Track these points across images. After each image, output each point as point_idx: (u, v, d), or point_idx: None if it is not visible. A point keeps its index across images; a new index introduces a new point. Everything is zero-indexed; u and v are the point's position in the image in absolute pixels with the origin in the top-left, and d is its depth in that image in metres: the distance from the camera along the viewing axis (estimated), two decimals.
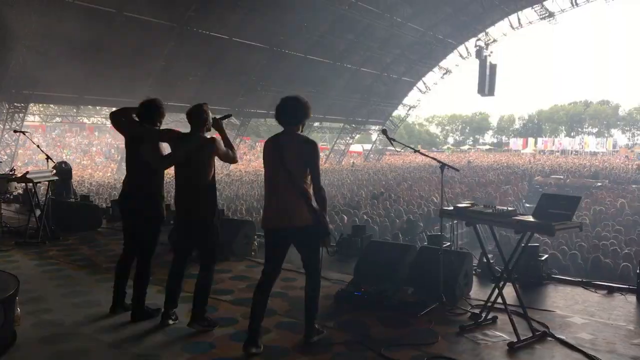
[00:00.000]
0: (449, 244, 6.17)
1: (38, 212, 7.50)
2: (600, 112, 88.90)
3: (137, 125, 4.52)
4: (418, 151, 4.98)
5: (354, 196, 19.38)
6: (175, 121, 25.66)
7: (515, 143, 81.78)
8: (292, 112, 3.83)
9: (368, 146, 66.50)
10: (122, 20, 20.62)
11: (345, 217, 13.29)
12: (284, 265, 4.24)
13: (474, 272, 5.38)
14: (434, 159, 4.80)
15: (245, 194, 20.76)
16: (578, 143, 76.70)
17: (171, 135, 4.37)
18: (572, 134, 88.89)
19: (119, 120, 4.66)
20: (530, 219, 3.70)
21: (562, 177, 29.32)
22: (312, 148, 3.73)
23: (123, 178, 4.71)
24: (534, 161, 46.95)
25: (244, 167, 39.56)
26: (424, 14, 31.69)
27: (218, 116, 4.31)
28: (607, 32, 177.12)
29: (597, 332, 3.99)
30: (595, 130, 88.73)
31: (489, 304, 4.20)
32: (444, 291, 4.59)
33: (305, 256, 3.89)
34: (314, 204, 3.69)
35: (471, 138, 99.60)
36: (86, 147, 52.12)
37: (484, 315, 4.23)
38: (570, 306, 4.64)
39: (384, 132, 4.69)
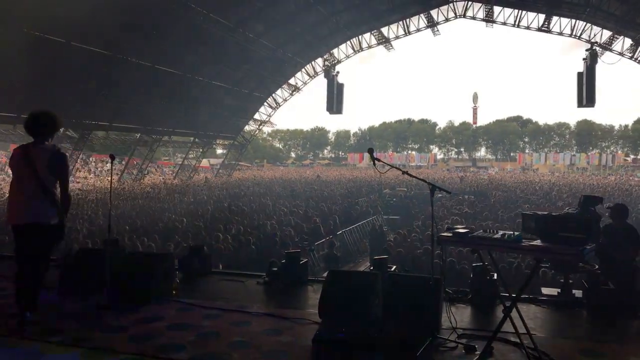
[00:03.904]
0: (395, 267, 5.97)
1: None
2: (420, 130, 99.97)
3: None
4: (406, 172, 4.65)
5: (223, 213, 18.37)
6: None
7: (353, 158, 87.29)
8: (44, 126, 4.34)
9: (214, 161, 64.92)
10: None
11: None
12: (231, 307, 5.19)
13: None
14: (424, 180, 4.54)
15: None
16: (405, 158, 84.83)
17: None
18: (398, 149, 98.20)
19: None
20: (539, 243, 3.60)
21: (405, 189, 31.78)
22: (62, 160, 4.39)
23: None
24: (378, 176, 50.34)
25: (80, 185, 35.41)
26: (275, 32, 31.95)
27: None
28: (430, 56, 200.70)
29: (598, 358, 4.05)
30: (417, 146, 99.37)
31: (495, 334, 3.97)
32: (429, 323, 4.30)
33: (43, 249, 4.39)
34: (59, 205, 4.34)
35: (311, 153, 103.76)
36: None
37: (477, 346, 4.04)
38: (542, 327, 4.69)
39: (370, 151, 4.27)
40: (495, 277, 5.38)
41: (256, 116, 42.98)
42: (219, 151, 63.97)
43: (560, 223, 3.65)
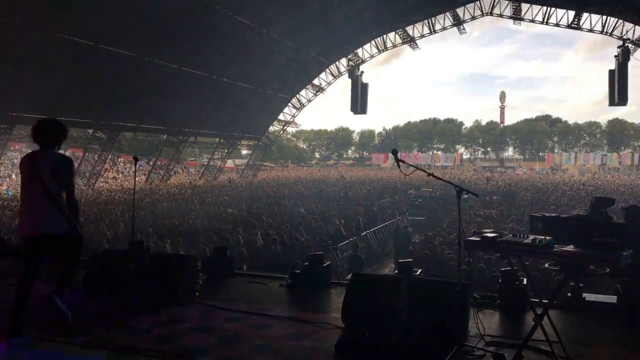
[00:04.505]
0: (420, 271, 5.85)
1: None
2: (446, 129, 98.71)
3: None
4: (432, 175, 4.55)
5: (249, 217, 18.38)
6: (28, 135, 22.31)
7: (378, 158, 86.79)
8: (50, 133, 4.37)
9: (239, 161, 65.40)
10: None
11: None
12: (253, 310, 5.14)
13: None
14: (450, 182, 4.41)
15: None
16: (430, 158, 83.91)
17: None
18: (423, 149, 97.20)
19: None
20: (571, 248, 3.44)
21: (430, 190, 31.41)
22: (67, 164, 4.33)
23: None
24: (403, 176, 50.09)
25: (108, 185, 36.09)
26: (299, 32, 32.02)
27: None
28: (456, 55, 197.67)
29: None
30: (442, 146, 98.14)
31: (526, 342, 3.81)
32: (456, 329, 4.17)
33: (59, 259, 4.35)
34: (66, 213, 4.24)
35: (336, 153, 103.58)
36: None
37: (506, 355, 3.89)
38: (574, 334, 4.49)
39: (394, 152, 4.17)
40: (525, 282, 5.21)
41: (280, 117, 43.20)
42: (244, 152, 64.42)
43: (594, 228, 3.50)
